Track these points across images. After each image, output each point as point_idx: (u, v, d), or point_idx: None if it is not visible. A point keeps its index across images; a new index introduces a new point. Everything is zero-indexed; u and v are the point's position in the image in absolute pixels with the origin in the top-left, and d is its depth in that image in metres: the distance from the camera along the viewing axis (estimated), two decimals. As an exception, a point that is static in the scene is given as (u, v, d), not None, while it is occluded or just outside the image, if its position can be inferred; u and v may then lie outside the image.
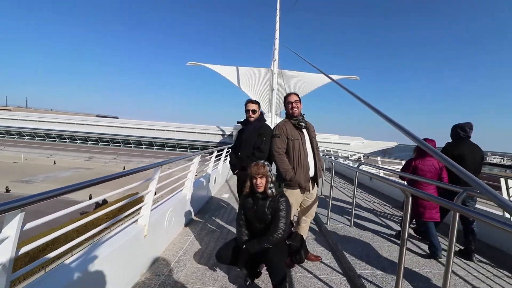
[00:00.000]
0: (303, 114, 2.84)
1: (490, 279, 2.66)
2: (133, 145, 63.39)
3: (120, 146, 63.56)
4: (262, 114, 3.04)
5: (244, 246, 2.20)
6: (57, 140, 65.66)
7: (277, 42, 50.96)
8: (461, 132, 3.36)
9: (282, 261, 2.06)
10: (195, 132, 61.92)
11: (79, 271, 1.65)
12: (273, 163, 2.79)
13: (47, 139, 65.77)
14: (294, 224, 2.78)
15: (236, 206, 4.98)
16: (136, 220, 2.44)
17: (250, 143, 2.87)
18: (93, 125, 66.70)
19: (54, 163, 42.19)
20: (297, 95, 2.81)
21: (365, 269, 2.62)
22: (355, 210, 4.01)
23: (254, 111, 2.97)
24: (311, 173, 2.75)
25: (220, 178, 6.68)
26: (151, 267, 2.56)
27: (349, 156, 14.02)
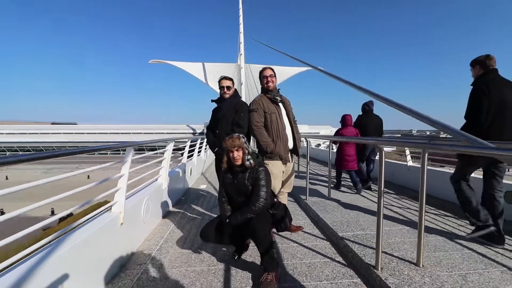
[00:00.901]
0: (279, 89, 2.84)
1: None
2: (96, 152, 59.32)
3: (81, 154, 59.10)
4: (236, 91, 2.97)
5: (228, 220, 2.15)
6: (8, 153, 59.13)
7: (241, 36, 50.42)
8: (366, 107, 4.77)
9: (266, 229, 2.05)
10: (164, 133, 59.62)
11: (39, 268, 1.39)
12: (252, 138, 2.76)
13: (-6, 153, 58.98)
14: (277, 195, 2.79)
15: (215, 194, 4.89)
16: (110, 208, 2.26)
17: (228, 120, 2.80)
18: (49, 133, 61.08)
19: (6, 178, 37.95)
20: (272, 70, 2.80)
21: (346, 231, 2.73)
22: (330, 185, 4.16)
23: (228, 88, 2.89)
24: (290, 145, 2.77)
25: (196, 170, 6.51)
26: (131, 257, 2.40)
27: (321, 144, 14.78)
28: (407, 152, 5.54)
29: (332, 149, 4.82)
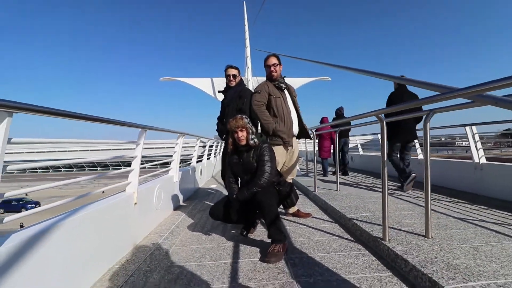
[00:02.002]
0: (284, 76, 2.93)
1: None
2: (111, 167, 60.82)
3: (97, 169, 60.71)
4: (242, 79, 3.09)
5: (235, 196, 2.22)
6: (27, 171, 61.48)
7: (248, 50, 51.27)
8: (338, 111, 6.28)
9: (272, 200, 2.09)
10: (174, 146, 60.71)
11: (52, 230, 1.43)
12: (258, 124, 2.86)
13: (15, 171, 61.45)
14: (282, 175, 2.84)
15: (224, 191, 4.97)
16: (124, 189, 2.38)
17: (234, 107, 2.91)
18: (66, 151, 63.38)
19: (26, 195, 39.37)
20: (277, 57, 2.87)
21: (355, 213, 2.74)
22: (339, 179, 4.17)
23: (234, 76, 2.99)
24: (295, 130, 2.84)
25: (206, 172, 6.66)
26: (144, 238, 2.50)
27: None
28: (417, 145, 5.48)
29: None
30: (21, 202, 29.88)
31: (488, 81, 1.10)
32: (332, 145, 6.29)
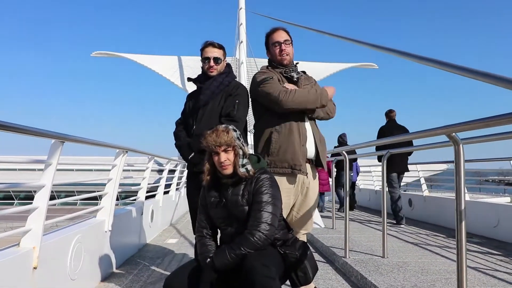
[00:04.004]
0: (297, 63, 3.04)
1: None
2: (-5, 201, 59.67)
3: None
4: (229, 66, 3.17)
5: (209, 260, 2.21)
6: None
7: (242, 13, 51.04)
8: (340, 139, 10.31)
9: (271, 269, 2.06)
10: (105, 169, 59.95)
11: None
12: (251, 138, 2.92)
13: None
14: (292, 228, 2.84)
15: (190, 250, 4.95)
16: (19, 242, 2.37)
17: (214, 109, 2.95)
18: None
19: None
20: (287, 32, 2.98)
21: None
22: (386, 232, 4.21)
23: (217, 60, 3.02)
24: (310, 149, 2.88)
25: (161, 216, 6.65)
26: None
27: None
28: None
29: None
30: None
31: None
32: (329, 178, 9.26)
